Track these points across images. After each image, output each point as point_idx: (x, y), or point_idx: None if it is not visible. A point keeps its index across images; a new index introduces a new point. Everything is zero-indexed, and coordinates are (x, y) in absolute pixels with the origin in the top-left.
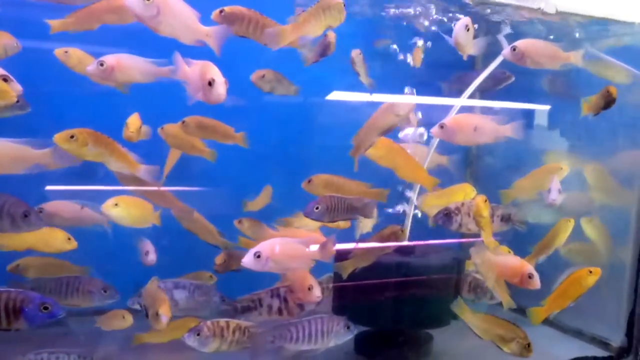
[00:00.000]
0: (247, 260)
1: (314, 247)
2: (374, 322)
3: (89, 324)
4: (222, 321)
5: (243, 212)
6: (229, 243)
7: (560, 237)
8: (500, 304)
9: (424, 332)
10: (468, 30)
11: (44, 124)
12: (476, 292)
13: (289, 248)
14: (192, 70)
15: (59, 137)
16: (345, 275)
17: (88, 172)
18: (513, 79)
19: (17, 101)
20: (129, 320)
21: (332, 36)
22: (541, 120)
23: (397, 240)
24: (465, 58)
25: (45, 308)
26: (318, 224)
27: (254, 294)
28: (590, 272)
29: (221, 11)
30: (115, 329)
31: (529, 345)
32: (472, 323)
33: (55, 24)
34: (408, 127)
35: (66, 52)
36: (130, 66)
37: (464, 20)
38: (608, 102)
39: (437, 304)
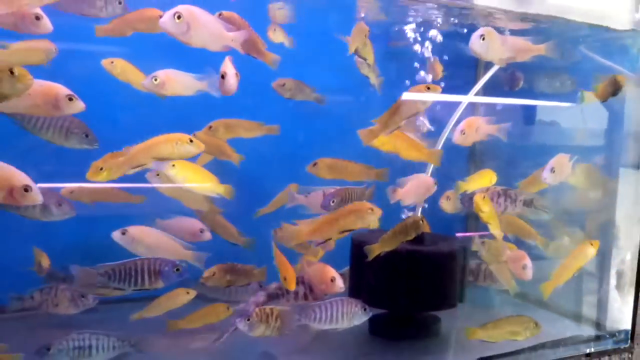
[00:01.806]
0: None
1: None
2: (387, 305)
3: (120, 312)
4: (268, 308)
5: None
6: (248, 240)
7: None
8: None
9: (432, 315)
10: (483, 39)
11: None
12: (492, 277)
13: None
14: None
15: (91, 175)
16: (371, 257)
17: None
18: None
19: (87, 135)
20: (192, 294)
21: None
22: (544, 116)
23: (418, 230)
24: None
25: (177, 270)
26: None
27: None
28: (592, 244)
29: (220, 14)
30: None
31: (536, 324)
32: (484, 337)
33: (99, 29)
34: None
35: (112, 62)
36: (177, 80)
37: (480, 30)
38: (615, 89)
39: (445, 288)
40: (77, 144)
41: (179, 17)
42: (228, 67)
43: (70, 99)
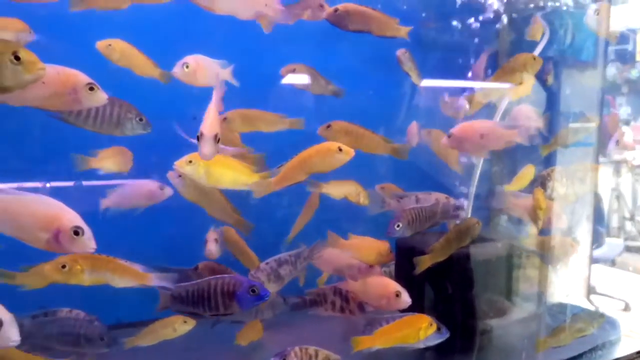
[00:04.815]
0: None
1: None
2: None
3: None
4: (312, 349)
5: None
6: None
7: None
8: None
9: (484, 323)
10: (597, 14)
11: None
12: None
13: None
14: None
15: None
16: (422, 269)
17: None
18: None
19: (141, 119)
20: (191, 324)
21: None
22: None
23: (474, 235)
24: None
25: (253, 291)
26: None
27: (320, 289)
28: None
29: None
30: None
31: (602, 314)
32: (555, 344)
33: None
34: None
35: (109, 45)
36: (207, 68)
37: (595, 5)
38: None
39: (496, 294)
40: (130, 130)
41: None
42: (207, 125)
43: (92, 89)
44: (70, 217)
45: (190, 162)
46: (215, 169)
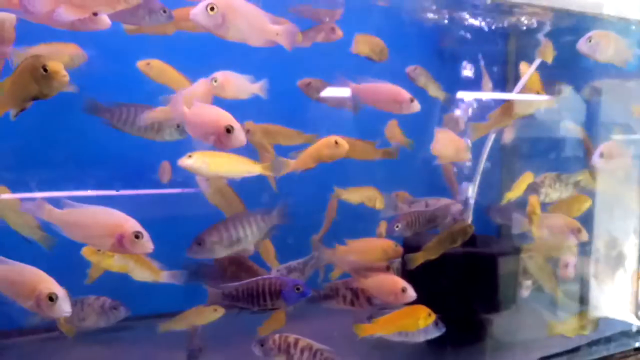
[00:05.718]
0: None
1: None
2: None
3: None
4: (292, 337)
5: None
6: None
7: None
8: None
9: (484, 317)
10: (590, 41)
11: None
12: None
13: None
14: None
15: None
16: (413, 267)
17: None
18: None
19: (178, 126)
20: (220, 312)
21: None
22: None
23: (466, 236)
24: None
25: (298, 289)
26: None
27: (332, 283)
28: None
29: None
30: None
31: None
32: (563, 332)
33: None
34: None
35: (148, 64)
36: (235, 82)
37: (590, 33)
38: None
39: (499, 290)
40: (168, 136)
41: (212, 9)
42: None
43: (228, 131)
44: (132, 224)
45: (190, 156)
46: (214, 159)
